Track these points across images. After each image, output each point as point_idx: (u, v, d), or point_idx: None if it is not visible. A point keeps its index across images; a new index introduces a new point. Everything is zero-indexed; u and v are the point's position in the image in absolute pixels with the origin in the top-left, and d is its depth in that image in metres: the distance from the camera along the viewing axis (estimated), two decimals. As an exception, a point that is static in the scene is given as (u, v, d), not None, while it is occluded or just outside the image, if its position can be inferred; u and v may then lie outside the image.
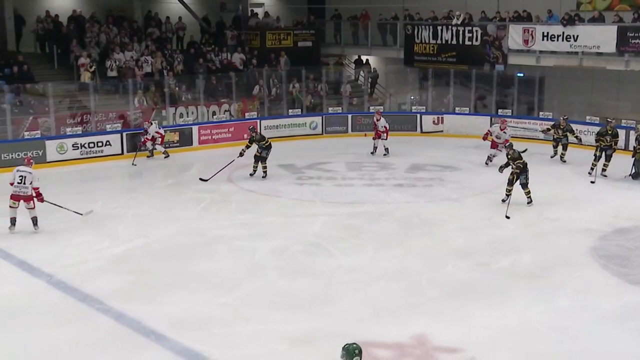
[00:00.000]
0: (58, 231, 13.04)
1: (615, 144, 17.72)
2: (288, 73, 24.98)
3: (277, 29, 27.64)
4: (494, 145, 18.87)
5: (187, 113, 22.58)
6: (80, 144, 19.81)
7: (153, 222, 14.33)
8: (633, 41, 20.99)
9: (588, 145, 19.28)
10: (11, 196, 13.34)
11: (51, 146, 19.35)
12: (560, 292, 10.56)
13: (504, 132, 18.83)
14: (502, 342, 9.21)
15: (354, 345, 6.77)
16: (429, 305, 10.34)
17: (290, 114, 23.82)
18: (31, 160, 13.78)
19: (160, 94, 22.36)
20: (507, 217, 14.27)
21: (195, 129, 21.76)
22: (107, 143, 20.21)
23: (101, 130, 20.57)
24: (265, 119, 23.32)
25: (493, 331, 9.48)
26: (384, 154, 20.26)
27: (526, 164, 15.07)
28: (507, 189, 15.10)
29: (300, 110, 24.17)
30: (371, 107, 24.76)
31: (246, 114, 23.20)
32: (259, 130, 20.30)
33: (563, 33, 22.17)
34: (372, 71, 27.76)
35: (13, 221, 13.34)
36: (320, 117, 24.06)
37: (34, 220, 13.37)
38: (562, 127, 19.47)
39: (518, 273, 11.46)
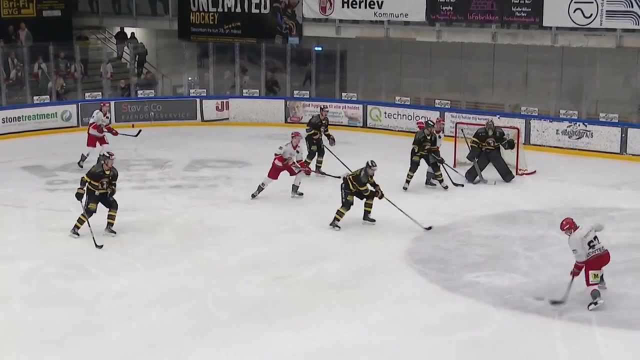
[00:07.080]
0: None
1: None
2: (31, 50, 24.34)
3: (14, -6, 26.79)
4: None
5: None
6: None
7: None
8: (444, 8, 21.99)
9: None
10: None
11: None
12: (373, 305, 10.95)
13: None
14: (307, 369, 9.43)
15: None
16: (217, 331, 10.40)
17: (36, 102, 23.26)
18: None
19: None
20: None
21: None
22: None
23: None
24: (3, 110, 22.67)
25: (297, 356, 9.69)
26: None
27: None
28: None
29: (48, 97, 23.61)
30: (139, 92, 24.51)
31: (-25, 104, 22.35)
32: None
33: (366, -1, 22.99)
34: (139, 47, 27.48)
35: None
36: (75, 105, 23.62)
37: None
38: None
39: (325, 285, 11.78)
